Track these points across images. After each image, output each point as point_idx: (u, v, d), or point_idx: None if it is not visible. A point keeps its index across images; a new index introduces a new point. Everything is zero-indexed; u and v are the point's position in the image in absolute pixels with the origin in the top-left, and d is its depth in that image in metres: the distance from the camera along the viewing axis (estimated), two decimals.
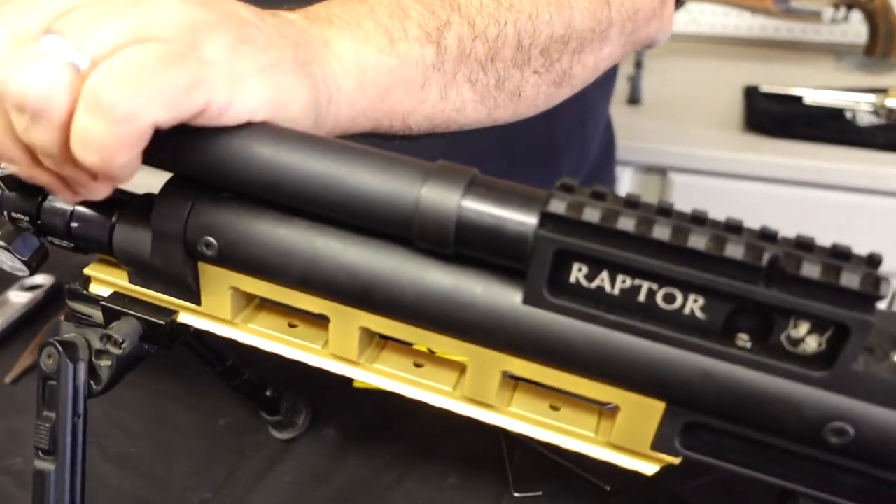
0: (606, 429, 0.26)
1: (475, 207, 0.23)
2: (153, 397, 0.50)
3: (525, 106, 0.42)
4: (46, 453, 0.32)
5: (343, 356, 0.28)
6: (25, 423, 0.47)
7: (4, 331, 0.55)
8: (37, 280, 0.58)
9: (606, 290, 0.22)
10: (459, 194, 0.23)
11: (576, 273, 0.22)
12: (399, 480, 0.45)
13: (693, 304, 0.21)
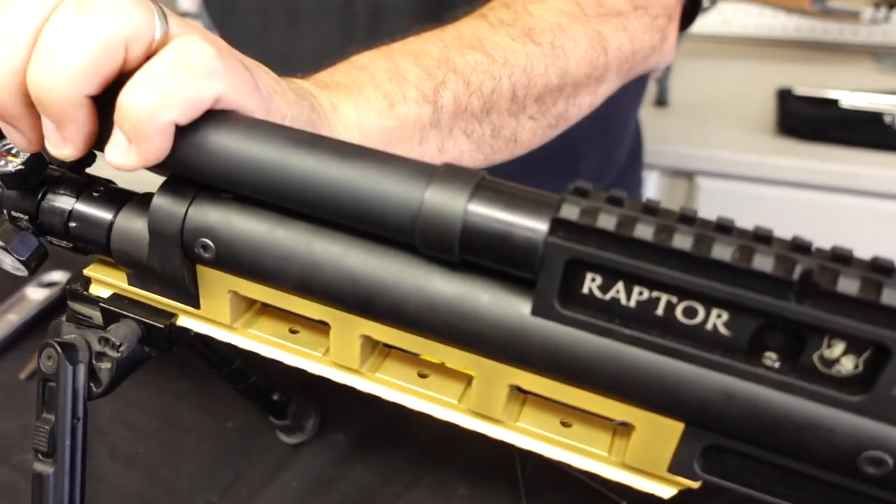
0: (621, 448, 0.24)
1: (481, 212, 0.21)
2: (164, 397, 0.50)
3: (521, 148, 0.43)
4: (45, 455, 0.31)
5: (344, 364, 0.27)
6: None
7: (21, 327, 0.55)
8: (53, 277, 0.58)
9: (622, 303, 0.21)
10: (465, 198, 0.21)
11: (589, 283, 0.21)
12: (408, 488, 0.44)
13: (716, 320, 0.20)
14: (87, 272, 0.31)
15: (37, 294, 0.57)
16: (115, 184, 0.30)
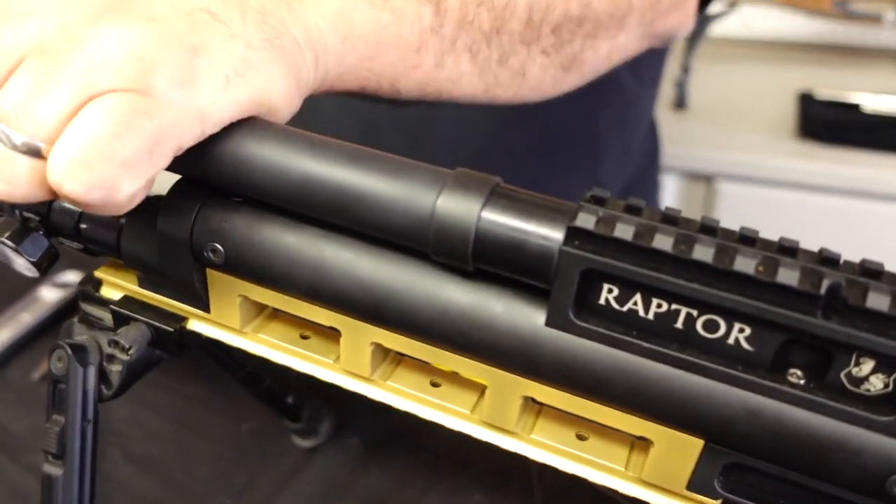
0: (638, 463, 0.24)
1: (495, 220, 0.21)
2: (178, 399, 0.50)
3: (528, 88, 0.38)
4: (55, 457, 0.31)
5: (355, 372, 0.26)
6: None
7: (34, 328, 0.55)
8: (68, 277, 0.58)
9: (640, 315, 0.20)
10: (479, 205, 0.21)
11: (605, 294, 0.20)
12: (423, 494, 0.43)
13: (738, 334, 0.19)
14: (98, 274, 0.30)
15: (51, 294, 0.57)
16: None
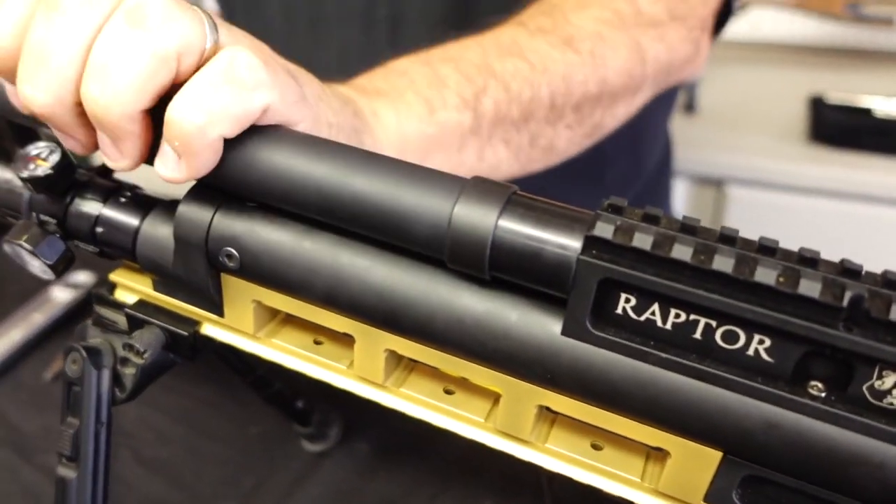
0: (654, 474, 0.24)
1: (512, 228, 0.20)
2: (189, 402, 0.50)
3: (557, 157, 0.43)
4: (69, 460, 0.31)
5: (368, 378, 0.26)
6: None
7: (46, 328, 0.55)
8: (79, 278, 0.59)
9: (658, 325, 0.20)
10: (496, 214, 0.20)
11: (623, 304, 0.20)
12: (432, 500, 0.43)
13: (758, 345, 0.19)
14: (113, 277, 0.30)
15: (62, 294, 0.58)
16: (142, 189, 0.30)
